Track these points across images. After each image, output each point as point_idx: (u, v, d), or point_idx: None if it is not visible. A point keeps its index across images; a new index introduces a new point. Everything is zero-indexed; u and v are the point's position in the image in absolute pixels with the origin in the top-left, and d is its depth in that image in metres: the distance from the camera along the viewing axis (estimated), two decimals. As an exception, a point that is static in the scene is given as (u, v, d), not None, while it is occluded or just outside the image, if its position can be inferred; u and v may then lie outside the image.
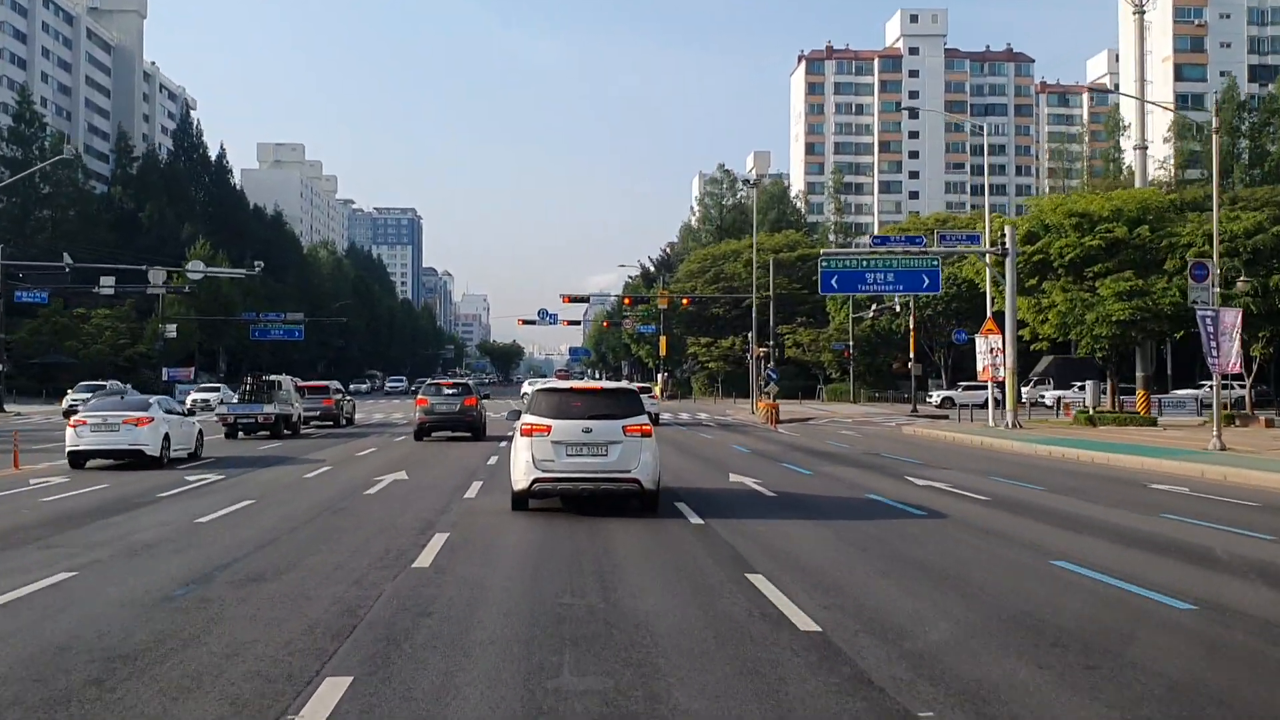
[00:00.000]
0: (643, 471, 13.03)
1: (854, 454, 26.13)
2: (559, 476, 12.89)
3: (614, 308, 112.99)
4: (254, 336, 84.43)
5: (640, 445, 13.11)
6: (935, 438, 34.32)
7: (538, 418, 13.14)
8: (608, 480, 12.94)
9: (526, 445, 13.06)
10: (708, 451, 26.75)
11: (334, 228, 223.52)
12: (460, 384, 32.18)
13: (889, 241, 38.05)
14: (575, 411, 13.22)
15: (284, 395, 31.48)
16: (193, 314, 77.96)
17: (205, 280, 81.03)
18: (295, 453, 25.47)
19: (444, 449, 27.34)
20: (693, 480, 18.67)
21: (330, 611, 7.74)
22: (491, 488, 16.95)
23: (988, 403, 40.33)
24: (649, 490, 13.19)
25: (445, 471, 21.00)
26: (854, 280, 38.59)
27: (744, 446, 28.57)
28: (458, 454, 25.07)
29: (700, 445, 29.36)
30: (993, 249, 38.43)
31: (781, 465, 22.43)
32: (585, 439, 12.91)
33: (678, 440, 30.88)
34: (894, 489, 17.35)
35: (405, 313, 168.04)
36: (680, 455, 24.67)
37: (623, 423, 13.07)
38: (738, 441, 31.13)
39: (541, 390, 14.13)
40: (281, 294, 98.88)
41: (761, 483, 18.12)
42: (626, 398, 13.83)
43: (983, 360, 38.84)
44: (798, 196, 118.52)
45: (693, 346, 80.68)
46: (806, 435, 35.33)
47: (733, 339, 78.87)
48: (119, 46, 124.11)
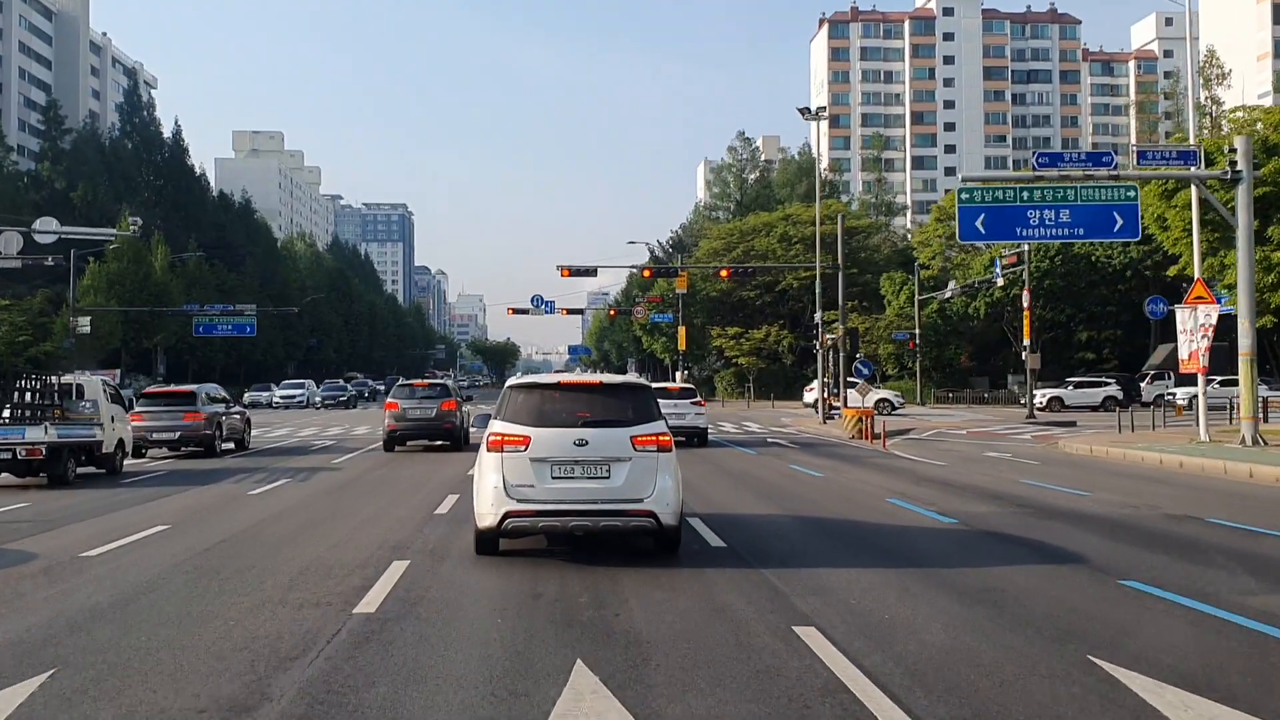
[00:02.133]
0: (660, 501, 8.97)
1: (1137, 518, 12.99)
2: (541, 509, 8.87)
3: (620, 297, 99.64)
4: (198, 332, 71.05)
5: (656, 463, 9.02)
6: (1148, 465, 21.40)
7: (511, 425, 9.10)
8: (611, 514, 8.88)
9: (495, 464, 9.03)
10: (885, 535, 13.47)
11: (317, 222, 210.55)
12: (437, 385, 26.76)
13: (1060, 162, 24.81)
14: (564, 416, 9.13)
15: (85, 409, 18.21)
16: (114, 304, 64.55)
17: (132, 265, 67.91)
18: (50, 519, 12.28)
19: (397, 473, 16.59)
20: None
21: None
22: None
23: (1107, 403, 26.95)
24: (668, 526, 9.05)
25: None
26: (1010, 221, 25.28)
27: (916, 503, 15.23)
28: (416, 479, 12.84)
29: (831, 497, 16.08)
30: (1215, 173, 25.04)
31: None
32: (578, 454, 8.89)
33: (776, 484, 17.74)
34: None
35: (390, 309, 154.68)
36: (839, 544, 11.70)
37: (631, 431, 9.02)
38: (875, 482, 17.90)
39: (516, 387, 9.61)
40: (237, 286, 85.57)
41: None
42: (635, 396, 9.52)
43: (1187, 343, 25.84)
44: (823, 172, 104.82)
45: (718, 339, 67.34)
46: (952, 464, 22.12)
47: (767, 329, 65.75)
48: (61, 13, 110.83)
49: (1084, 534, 11.43)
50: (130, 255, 67.74)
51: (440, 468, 20.00)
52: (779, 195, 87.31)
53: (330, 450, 25.76)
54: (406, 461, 21.93)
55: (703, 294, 69.05)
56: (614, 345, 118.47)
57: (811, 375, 69.32)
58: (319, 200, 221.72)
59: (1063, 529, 11.82)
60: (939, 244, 65.71)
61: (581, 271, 40.95)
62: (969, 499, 15.05)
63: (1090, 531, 11.63)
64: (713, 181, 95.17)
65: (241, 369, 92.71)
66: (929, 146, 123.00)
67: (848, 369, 39.63)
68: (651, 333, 74.18)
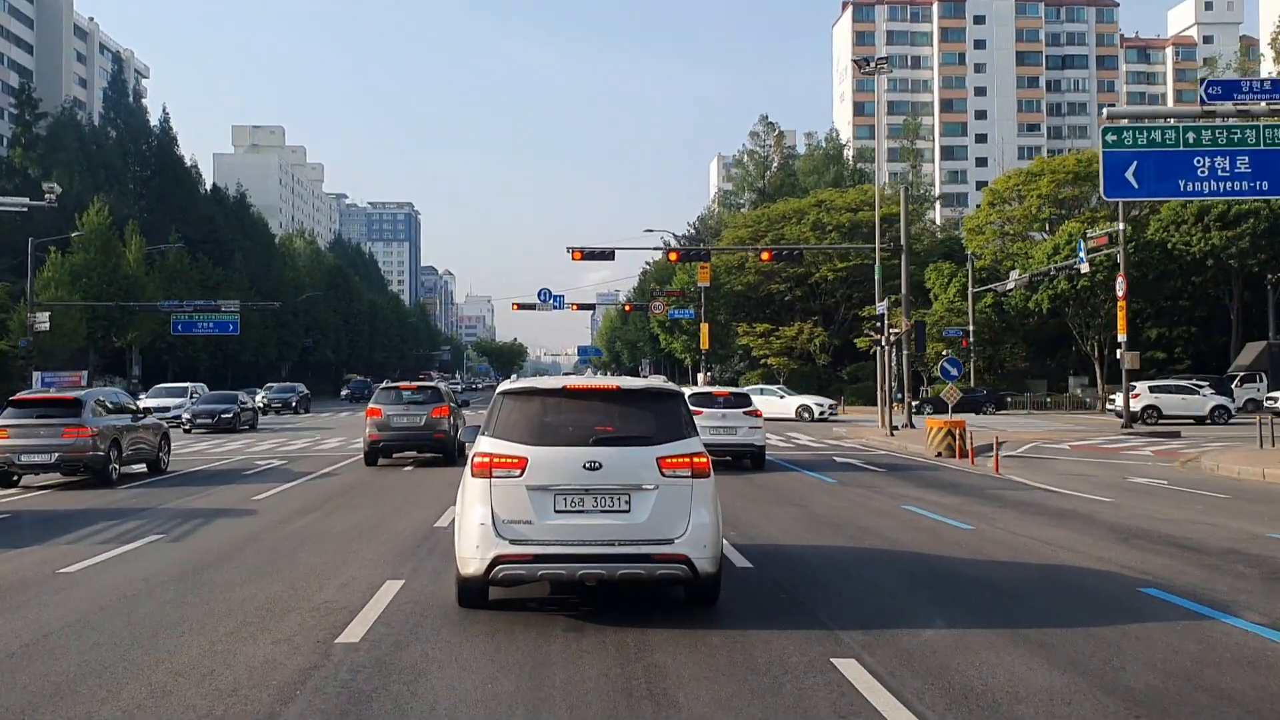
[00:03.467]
0: (695, 542, 7.09)
1: None
2: (542, 552, 6.98)
3: (632, 294, 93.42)
4: (176, 330, 65.09)
5: (690, 493, 7.19)
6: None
7: (502, 443, 7.24)
8: (632, 559, 6.99)
9: (482, 494, 7.15)
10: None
11: (320, 220, 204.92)
12: (427, 388, 23.10)
13: (1238, 93, 18.51)
14: (570, 431, 7.32)
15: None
16: (78, 299, 58.57)
17: (100, 257, 61.93)
18: None
19: (330, 525, 12.74)
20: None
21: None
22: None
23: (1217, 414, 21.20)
24: (705, 575, 7.16)
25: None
26: (1171, 171, 19.13)
27: (1188, 595, 9.01)
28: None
29: (1032, 579, 9.87)
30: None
31: None
32: (590, 481, 7.08)
33: (905, 542, 11.67)
34: None
35: (392, 309, 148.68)
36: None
37: (657, 451, 7.21)
38: (1061, 541, 11.74)
39: (511, 393, 7.66)
40: (224, 282, 79.60)
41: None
42: (663, 405, 7.63)
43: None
44: (848, 161, 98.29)
45: (745, 336, 61.02)
46: (1120, 499, 16.10)
47: (799, 325, 59.40)
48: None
49: None
50: (98, 245, 61.77)
51: (415, 502, 13.83)
52: (804, 184, 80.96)
53: (270, 475, 19.60)
54: (367, 492, 15.77)
55: (727, 288, 62.79)
56: (626, 345, 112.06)
57: (848, 378, 63.30)
58: (322, 198, 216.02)
59: None
60: (992, 231, 59.43)
61: (596, 255, 34.80)
62: (1244, 576, 8.96)
63: None
64: (733, 169, 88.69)
65: (229, 371, 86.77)
66: (959, 135, 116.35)
67: (911, 368, 33.51)
68: (671, 330, 67.84)
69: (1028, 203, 58.77)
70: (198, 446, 29.13)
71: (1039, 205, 58.50)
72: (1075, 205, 58.52)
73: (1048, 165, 59.15)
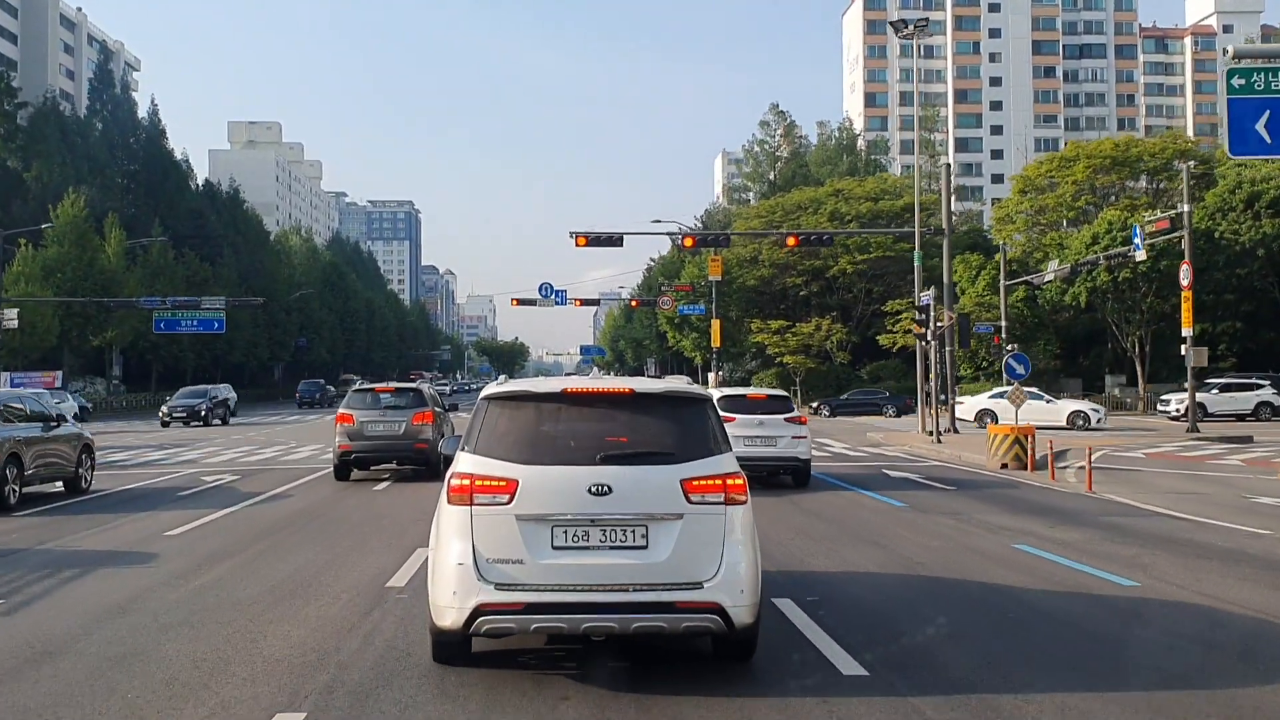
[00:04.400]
0: (730, 586, 5.77)
1: None
2: (537, 600, 5.70)
3: (637, 290, 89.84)
4: (158, 328, 61.67)
5: (723, 524, 5.87)
6: None
7: (487, 461, 5.95)
8: (651, 608, 5.69)
9: (460, 525, 5.85)
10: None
11: (319, 218, 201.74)
12: (407, 390, 19.64)
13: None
14: (572, 446, 6.02)
15: None
16: (50, 294, 55.19)
17: (75, 250, 58.59)
18: None
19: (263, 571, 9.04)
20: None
21: None
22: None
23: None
24: (741, 626, 5.82)
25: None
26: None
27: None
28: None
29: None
30: None
31: None
32: (597, 510, 5.78)
33: (1044, 613, 8.11)
34: None
35: (391, 307, 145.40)
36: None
37: (682, 471, 5.89)
38: (1265, 604, 8.17)
39: (497, 399, 6.31)
40: (210, 278, 76.22)
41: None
42: (688, 413, 6.24)
43: None
44: (861, 152, 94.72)
45: (758, 333, 57.49)
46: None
47: (817, 321, 55.89)
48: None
49: None
50: (73, 238, 58.39)
51: (372, 541, 10.38)
52: (817, 174, 77.41)
53: (209, 497, 16.16)
54: (316, 524, 12.30)
55: (739, 282, 59.31)
56: (630, 344, 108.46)
57: (868, 378, 59.80)
58: (320, 195, 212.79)
59: None
60: (1023, 220, 55.90)
61: (602, 240, 31.32)
62: None
63: None
64: (743, 161, 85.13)
65: (218, 371, 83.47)
66: (973, 127, 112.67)
67: (953, 365, 30.10)
68: (679, 327, 64.31)
69: (1061, 190, 55.24)
70: (152, 455, 25.73)
71: (1074, 192, 54.97)
72: (1111, 192, 55.06)
73: (1083, 150, 55.56)
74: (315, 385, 71.69)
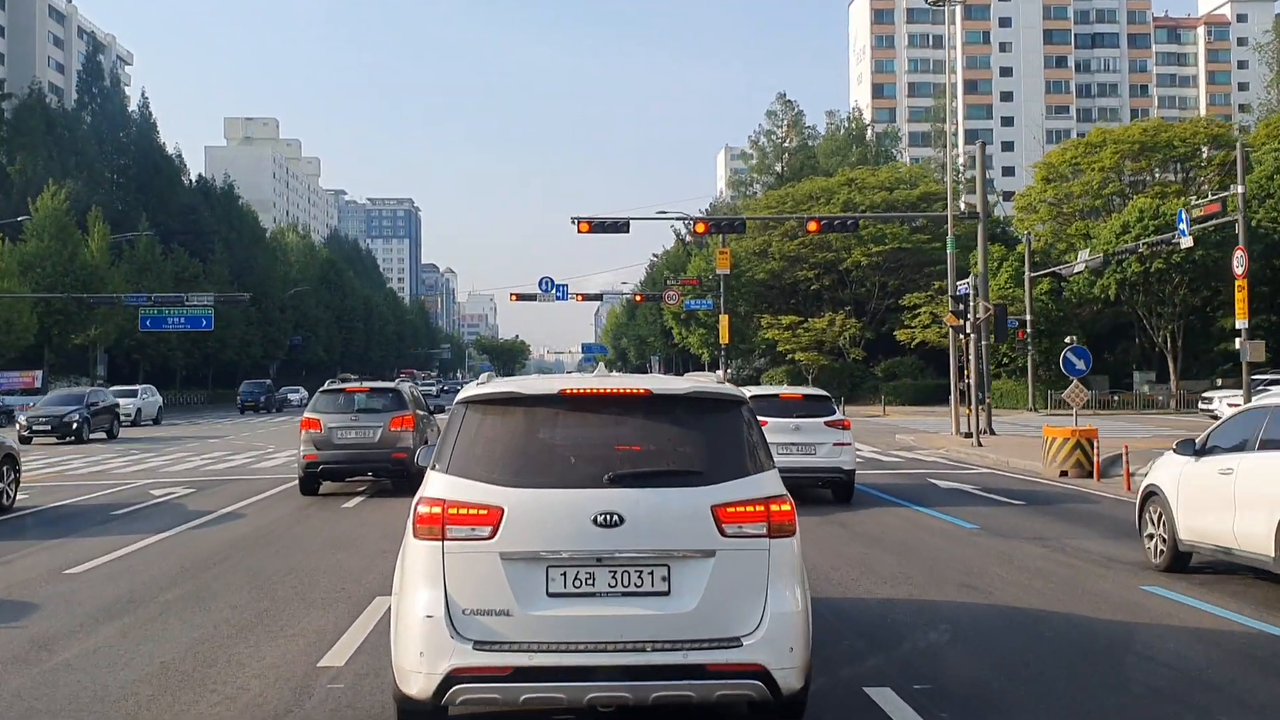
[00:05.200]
0: (774, 641, 4.58)
1: None
2: (528, 663, 4.49)
3: (640, 285, 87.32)
4: (144, 326, 59.24)
5: (766, 562, 4.69)
6: None
7: (464, 483, 4.75)
8: (675, 671, 4.48)
9: (429, 565, 4.67)
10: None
11: (317, 215, 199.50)
12: (384, 391, 16.88)
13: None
14: (571, 463, 4.83)
15: None
16: (28, 290, 52.81)
17: (55, 245, 56.22)
18: None
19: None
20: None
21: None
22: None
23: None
24: (789, 693, 4.58)
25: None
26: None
27: None
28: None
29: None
30: None
31: None
32: (604, 545, 4.59)
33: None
34: None
35: (389, 306, 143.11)
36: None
37: (712, 494, 4.71)
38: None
39: (477, 403, 5.02)
40: (201, 275, 73.87)
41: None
42: (715, 419, 4.98)
43: None
44: (871, 143, 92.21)
45: (768, 329, 55.08)
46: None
47: (830, 316, 53.50)
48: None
49: None
50: (53, 233, 55.99)
51: (318, 587, 7.98)
52: (825, 166, 74.91)
53: (147, 516, 13.82)
54: (255, 558, 9.90)
55: (748, 276, 56.90)
56: (633, 341, 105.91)
57: (883, 375, 57.40)
58: (319, 193, 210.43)
59: None
60: (1046, 209, 53.45)
61: (606, 227, 28.88)
62: None
63: None
64: (749, 151, 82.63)
65: (210, 370, 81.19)
66: (984, 119, 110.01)
67: (989, 360, 27.79)
68: (686, 323, 61.86)
69: (1087, 177, 52.78)
70: (114, 462, 23.34)
71: (1100, 180, 52.50)
72: (1138, 180, 52.63)
73: (1109, 135, 53.06)
74: (259, 387, 61.01)
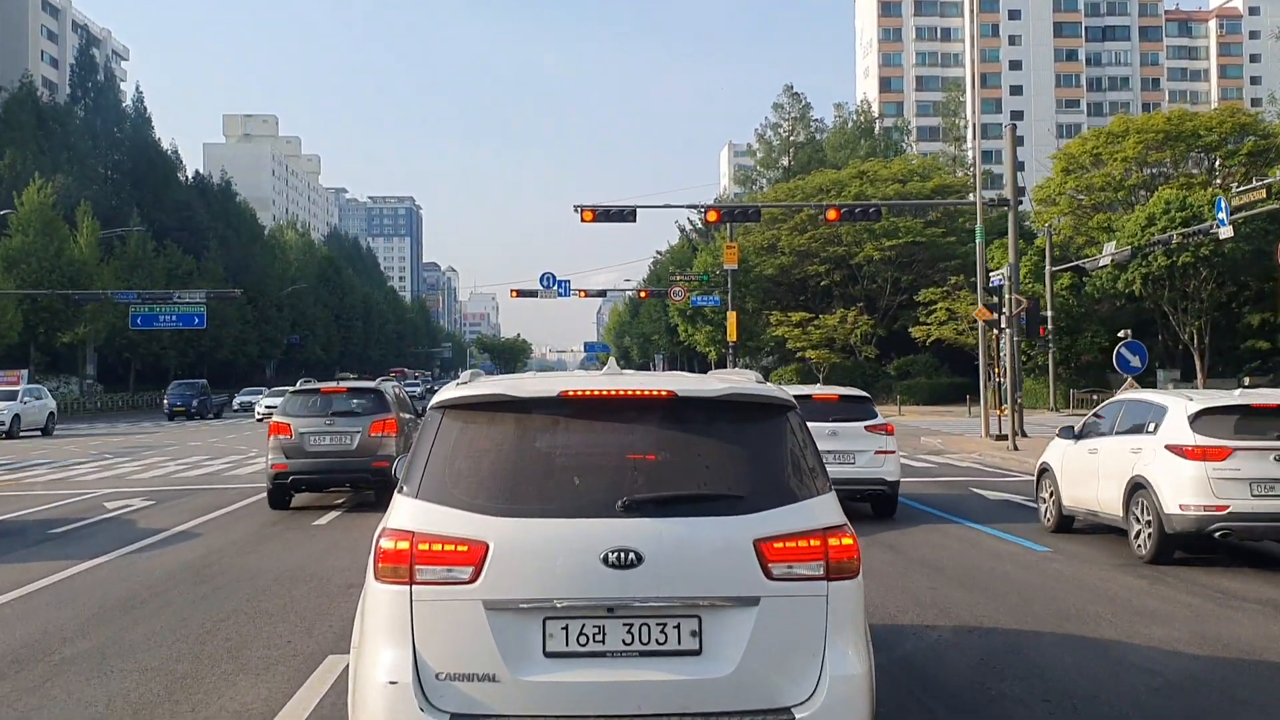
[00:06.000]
0: (834, 709, 3.51)
1: None
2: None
3: (651, 276, 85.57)
4: (135, 324, 57.63)
5: (823, 610, 3.61)
6: None
7: (438, 509, 3.67)
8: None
9: (394, 616, 3.60)
10: None
11: (317, 213, 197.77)
12: (364, 392, 14.64)
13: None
14: (572, 484, 3.72)
15: None
16: (12, 286, 51.14)
17: (41, 240, 54.56)
18: None
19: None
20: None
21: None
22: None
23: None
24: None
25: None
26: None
27: None
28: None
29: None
30: None
31: None
32: (616, 591, 3.55)
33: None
34: None
35: (389, 304, 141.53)
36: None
37: (755, 526, 3.63)
38: None
39: (456, 408, 3.88)
40: (194, 272, 72.25)
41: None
42: (756, 429, 3.85)
43: None
44: (880, 138, 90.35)
45: (778, 326, 53.33)
46: None
47: (842, 313, 51.74)
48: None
49: None
50: (38, 228, 54.31)
51: (253, 645, 6.24)
52: (833, 159, 73.13)
53: (86, 537, 12.09)
54: (188, 600, 8.16)
55: (756, 271, 55.17)
56: (636, 340, 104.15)
57: (895, 373, 55.57)
58: (318, 191, 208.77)
59: None
60: (1067, 201, 51.61)
61: (612, 215, 27.18)
62: None
63: None
64: (755, 145, 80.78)
65: (203, 370, 79.45)
66: (993, 113, 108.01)
67: (1019, 356, 26.06)
68: (692, 320, 60.09)
69: (1109, 168, 51.00)
70: (77, 469, 21.61)
71: (1123, 170, 50.73)
72: (1163, 171, 50.83)
73: (1133, 124, 51.23)
74: (190, 389, 51.11)
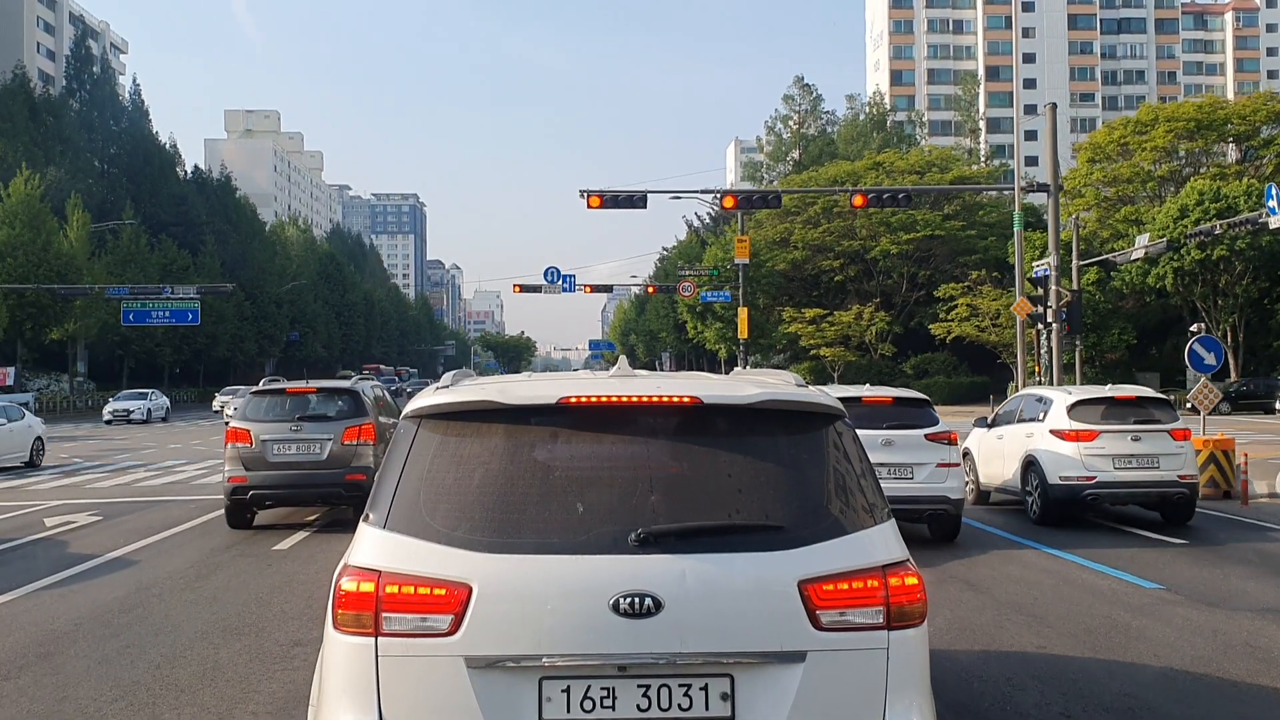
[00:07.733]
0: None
1: None
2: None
3: (658, 271, 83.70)
4: (127, 320, 55.83)
5: (883, 669, 2.78)
6: None
7: (412, 543, 2.85)
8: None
9: (355, 676, 2.79)
10: None
11: (319, 210, 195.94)
12: (337, 393, 12.59)
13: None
14: (577, 518, 2.80)
15: None
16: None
17: (28, 233, 52.80)
18: None
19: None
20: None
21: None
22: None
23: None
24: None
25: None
26: None
27: None
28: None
29: None
30: None
31: None
32: (629, 647, 2.72)
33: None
34: None
35: (392, 301, 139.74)
36: None
37: (799, 566, 2.82)
38: None
39: (434, 418, 3.05)
40: (190, 267, 70.46)
41: None
42: (800, 443, 2.97)
43: None
44: (892, 131, 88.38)
45: (791, 323, 51.42)
46: None
47: (858, 309, 49.82)
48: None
49: None
50: (25, 220, 52.52)
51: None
52: (845, 152, 71.19)
53: (6, 565, 10.23)
54: (79, 665, 6.35)
55: (768, 266, 53.27)
56: (642, 337, 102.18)
57: (912, 372, 53.62)
58: (321, 187, 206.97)
59: None
60: (1093, 193, 49.67)
61: (620, 201, 25.30)
62: None
63: None
64: (766, 137, 78.83)
65: (200, 367, 77.73)
66: (1005, 107, 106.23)
67: (1060, 352, 24.22)
68: (702, 316, 58.23)
69: (1138, 158, 49.06)
70: (36, 476, 19.81)
71: (1153, 161, 48.78)
72: (1192, 161, 48.88)
73: (1161, 113, 49.29)
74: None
